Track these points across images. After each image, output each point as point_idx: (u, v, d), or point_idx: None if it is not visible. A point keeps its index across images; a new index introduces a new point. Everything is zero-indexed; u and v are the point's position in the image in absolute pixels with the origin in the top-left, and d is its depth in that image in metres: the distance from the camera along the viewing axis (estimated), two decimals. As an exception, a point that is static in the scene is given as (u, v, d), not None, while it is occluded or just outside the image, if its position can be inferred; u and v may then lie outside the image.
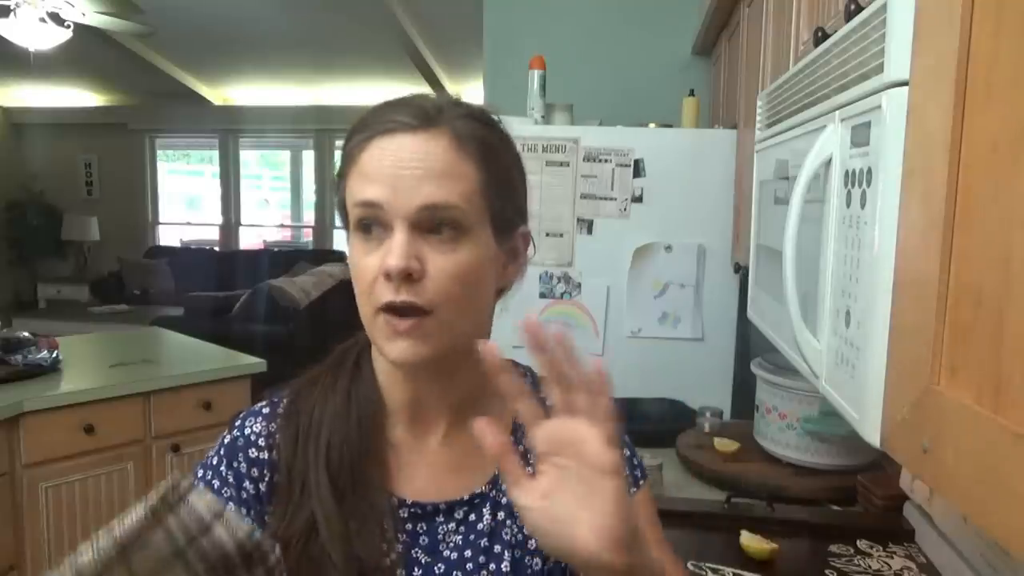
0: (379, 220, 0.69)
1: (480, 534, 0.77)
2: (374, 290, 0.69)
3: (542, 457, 0.60)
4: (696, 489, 1.67)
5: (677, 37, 2.88)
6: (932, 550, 1.29)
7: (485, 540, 0.77)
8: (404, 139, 0.69)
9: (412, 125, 0.70)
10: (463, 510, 0.78)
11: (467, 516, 0.78)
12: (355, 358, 0.81)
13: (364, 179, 0.70)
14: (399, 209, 0.68)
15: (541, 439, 0.60)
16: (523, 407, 0.63)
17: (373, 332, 0.72)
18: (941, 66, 0.53)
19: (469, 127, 0.72)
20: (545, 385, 0.84)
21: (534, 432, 0.62)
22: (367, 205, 0.69)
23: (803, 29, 1.25)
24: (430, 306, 0.69)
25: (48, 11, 4.03)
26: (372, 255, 0.70)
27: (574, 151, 2.23)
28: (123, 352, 2.88)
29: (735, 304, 2.24)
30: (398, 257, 0.67)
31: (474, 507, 0.78)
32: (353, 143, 0.73)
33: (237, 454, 0.78)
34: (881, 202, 0.64)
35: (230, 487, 0.77)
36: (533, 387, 0.83)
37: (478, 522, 0.77)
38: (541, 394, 0.82)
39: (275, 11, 5.59)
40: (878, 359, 0.64)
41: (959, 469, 0.48)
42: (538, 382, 0.84)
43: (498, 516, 0.78)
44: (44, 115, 8.03)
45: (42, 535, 2.27)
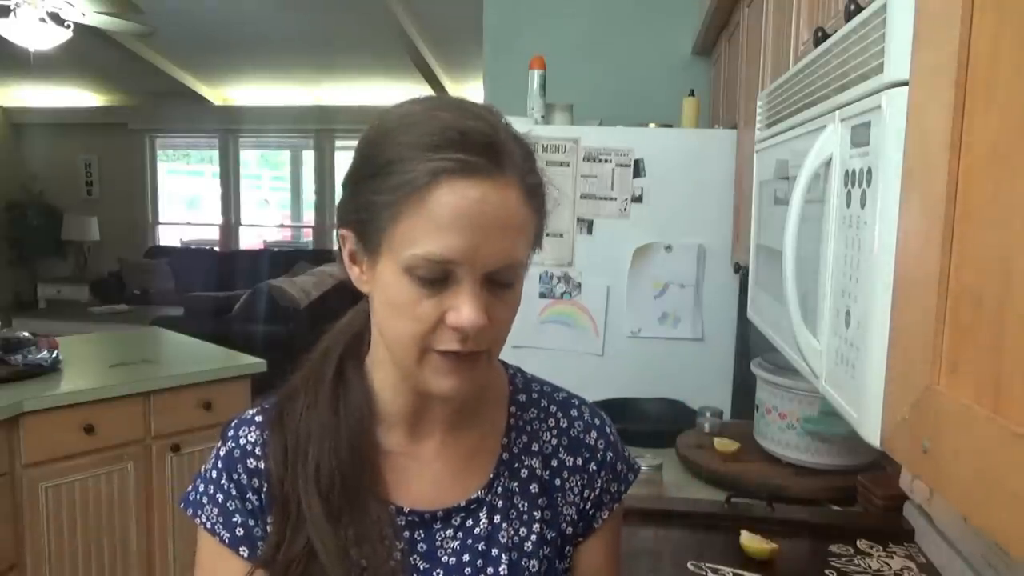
0: (447, 273, 0.65)
1: (477, 539, 0.77)
2: (432, 335, 0.67)
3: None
4: (696, 489, 1.67)
5: (677, 37, 2.88)
6: (932, 550, 1.29)
7: (483, 544, 0.77)
8: (481, 187, 0.64)
9: (486, 168, 0.65)
10: (460, 516, 0.77)
11: (464, 522, 0.77)
12: (336, 368, 0.78)
13: (438, 229, 0.64)
14: (477, 265, 0.65)
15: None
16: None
17: (418, 368, 0.69)
18: (941, 66, 0.53)
19: (531, 174, 0.70)
20: (534, 385, 0.84)
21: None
22: (441, 261, 0.64)
23: (803, 29, 1.25)
24: (488, 348, 0.70)
25: (48, 11, 4.03)
26: (430, 301, 0.66)
27: (574, 151, 2.23)
28: (123, 352, 2.88)
29: (735, 304, 2.24)
30: (477, 316, 0.65)
31: (471, 512, 0.77)
32: (411, 174, 0.64)
33: (236, 465, 0.76)
34: (881, 202, 0.64)
35: (234, 500, 0.75)
36: (521, 387, 0.84)
37: (475, 527, 0.77)
38: (523, 396, 0.82)
39: (275, 11, 5.59)
40: (878, 359, 0.64)
41: (959, 469, 0.48)
42: (528, 381, 0.85)
43: (495, 520, 0.77)
44: (44, 115, 8.03)
45: (42, 535, 2.26)
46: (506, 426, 0.81)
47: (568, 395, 0.86)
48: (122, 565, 2.46)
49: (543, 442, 0.81)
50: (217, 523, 0.75)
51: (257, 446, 0.76)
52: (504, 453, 0.80)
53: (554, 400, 0.84)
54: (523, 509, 0.78)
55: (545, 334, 2.28)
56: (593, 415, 0.84)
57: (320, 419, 0.75)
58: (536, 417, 0.82)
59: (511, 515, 0.78)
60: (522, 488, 0.79)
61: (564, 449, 0.81)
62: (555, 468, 0.81)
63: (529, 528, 0.78)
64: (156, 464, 2.50)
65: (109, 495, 2.40)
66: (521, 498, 0.79)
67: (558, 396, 0.85)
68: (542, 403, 0.84)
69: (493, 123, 0.69)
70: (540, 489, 0.79)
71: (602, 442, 0.83)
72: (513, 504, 0.78)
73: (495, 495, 0.78)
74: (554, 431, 0.82)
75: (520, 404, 0.83)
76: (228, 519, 0.75)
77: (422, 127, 0.67)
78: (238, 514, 0.75)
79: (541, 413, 0.83)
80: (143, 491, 2.48)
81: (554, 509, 0.80)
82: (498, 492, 0.78)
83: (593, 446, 0.82)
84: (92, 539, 2.38)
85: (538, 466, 0.80)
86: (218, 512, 0.76)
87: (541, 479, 0.80)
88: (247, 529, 0.75)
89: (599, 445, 0.82)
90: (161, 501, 2.53)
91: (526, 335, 2.27)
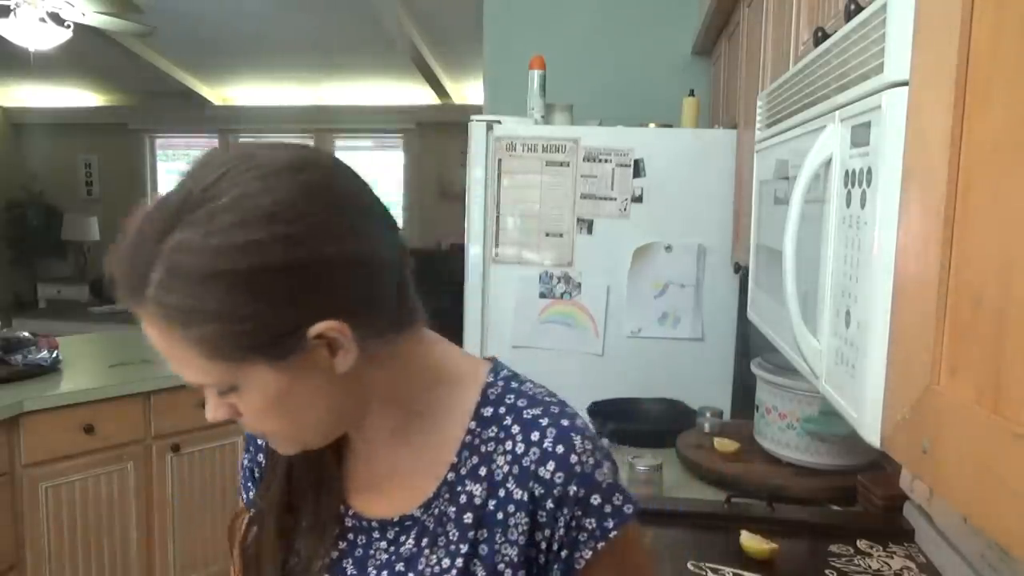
0: None
1: (400, 558, 0.73)
2: None
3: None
4: (696, 489, 1.67)
5: (677, 37, 2.88)
6: (932, 550, 1.29)
7: (402, 565, 0.72)
8: (140, 317, 0.63)
9: (129, 302, 0.63)
10: (394, 531, 0.74)
11: (397, 537, 0.74)
12: None
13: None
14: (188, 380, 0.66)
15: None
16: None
17: None
18: (941, 66, 0.53)
19: (175, 289, 0.59)
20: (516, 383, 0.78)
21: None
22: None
23: (803, 29, 1.25)
24: (279, 431, 0.70)
25: (48, 11, 4.02)
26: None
27: (574, 151, 2.23)
28: (123, 352, 2.88)
29: (735, 304, 2.24)
30: (207, 412, 0.69)
31: (404, 529, 0.74)
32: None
33: (250, 440, 0.84)
34: (881, 202, 0.64)
35: (248, 469, 0.84)
36: (493, 399, 0.75)
37: (403, 546, 0.74)
38: (489, 410, 0.75)
39: (275, 11, 5.59)
40: (878, 359, 0.64)
41: (959, 469, 0.48)
42: (503, 393, 0.76)
43: (421, 543, 0.73)
44: (44, 115, 8.03)
45: (42, 535, 2.27)
46: (460, 444, 0.73)
47: (541, 413, 0.72)
48: (122, 565, 2.46)
49: (494, 467, 0.71)
50: (242, 486, 0.86)
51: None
52: (450, 473, 0.73)
53: (520, 419, 0.72)
54: (452, 538, 0.71)
55: (545, 334, 2.28)
56: (558, 441, 0.70)
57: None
58: (494, 437, 0.72)
59: (439, 542, 0.72)
60: (457, 516, 0.72)
61: (513, 479, 0.70)
62: (501, 499, 0.70)
63: (452, 560, 0.70)
64: (156, 464, 2.50)
65: (109, 495, 2.40)
66: (454, 526, 0.71)
67: (527, 414, 0.72)
68: (505, 421, 0.72)
69: (152, 232, 0.60)
70: (476, 521, 0.71)
71: (561, 475, 0.69)
72: (444, 531, 0.72)
73: (430, 516, 0.73)
74: (508, 456, 0.71)
75: (482, 419, 0.73)
76: (245, 483, 0.85)
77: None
78: (251, 481, 0.84)
79: (501, 433, 0.72)
80: (143, 491, 2.48)
81: (491, 544, 0.70)
82: (433, 514, 0.73)
83: (548, 480, 0.69)
84: (92, 539, 2.38)
85: (479, 494, 0.71)
86: (242, 478, 0.86)
87: (480, 508, 0.71)
88: (254, 495, 0.83)
89: (556, 479, 0.69)
90: (161, 501, 2.53)
91: (526, 335, 2.27)
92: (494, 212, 2.28)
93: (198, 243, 0.59)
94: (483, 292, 2.30)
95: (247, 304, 0.60)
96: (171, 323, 0.60)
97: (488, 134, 2.23)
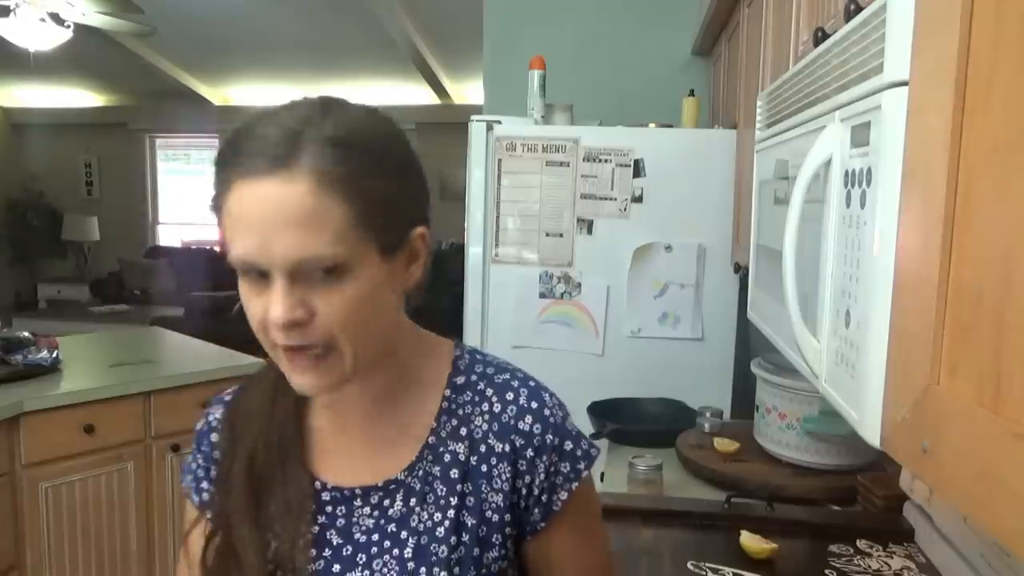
0: (257, 270, 0.68)
1: (390, 520, 0.78)
2: (266, 332, 0.70)
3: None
4: (696, 489, 1.67)
5: (677, 37, 2.88)
6: (932, 550, 1.29)
7: (393, 526, 0.78)
8: (263, 186, 0.66)
9: (270, 167, 0.66)
10: (378, 495, 0.79)
11: (382, 501, 0.79)
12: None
13: (234, 229, 0.68)
14: (272, 263, 0.67)
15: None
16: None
17: (278, 363, 0.73)
18: (941, 66, 0.53)
19: (332, 158, 0.67)
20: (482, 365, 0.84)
21: None
22: (244, 262, 0.68)
23: (803, 29, 1.25)
24: (328, 342, 0.69)
25: (48, 11, 4.03)
26: (258, 297, 0.70)
27: (574, 151, 2.23)
28: (123, 352, 2.88)
29: (735, 304, 2.24)
30: (280, 310, 0.67)
31: (388, 493, 0.79)
32: (218, 180, 0.70)
33: (203, 439, 0.86)
34: (881, 202, 0.64)
35: (202, 467, 0.85)
36: (463, 369, 0.84)
37: (390, 508, 0.79)
38: (462, 379, 0.83)
39: (275, 11, 5.59)
40: (878, 359, 0.64)
41: (959, 469, 0.48)
42: (472, 364, 0.84)
43: (410, 503, 0.78)
44: (44, 115, 8.03)
45: (42, 535, 2.26)
46: (438, 410, 0.81)
47: (510, 377, 0.82)
48: (122, 565, 2.46)
49: (473, 427, 0.80)
50: (191, 488, 0.86)
51: (220, 422, 0.85)
52: (431, 437, 0.80)
53: (492, 383, 0.82)
54: (441, 494, 0.78)
55: (545, 334, 2.28)
56: (531, 398, 0.80)
57: (259, 403, 0.82)
58: (470, 401, 0.81)
59: (428, 499, 0.78)
60: (443, 473, 0.79)
61: (494, 435, 0.79)
62: (483, 454, 0.79)
63: (444, 513, 0.78)
64: (156, 464, 2.50)
65: (109, 495, 2.40)
66: (441, 482, 0.78)
67: (498, 379, 0.82)
68: (479, 386, 0.82)
69: (300, 117, 0.68)
70: (461, 475, 0.78)
71: (538, 426, 0.79)
72: (432, 488, 0.78)
73: (414, 478, 0.79)
74: (486, 415, 0.80)
75: (456, 387, 0.82)
76: (198, 484, 0.85)
77: (231, 134, 0.71)
78: (205, 480, 0.84)
79: (476, 397, 0.81)
80: (143, 491, 2.48)
81: (477, 495, 0.78)
82: (418, 475, 0.79)
83: (528, 432, 0.79)
84: (92, 539, 2.38)
85: (462, 451, 0.79)
86: (191, 478, 0.86)
87: (465, 464, 0.79)
88: (211, 494, 0.83)
89: (535, 430, 0.79)
90: (161, 501, 2.53)
91: (526, 335, 2.27)
92: (494, 212, 2.28)
93: (356, 125, 0.70)
94: (483, 292, 2.30)
95: (391, 185, 0.70)
96: (324, 187, 0.66)
97: (488, 134, 2.23)
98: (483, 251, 2.29)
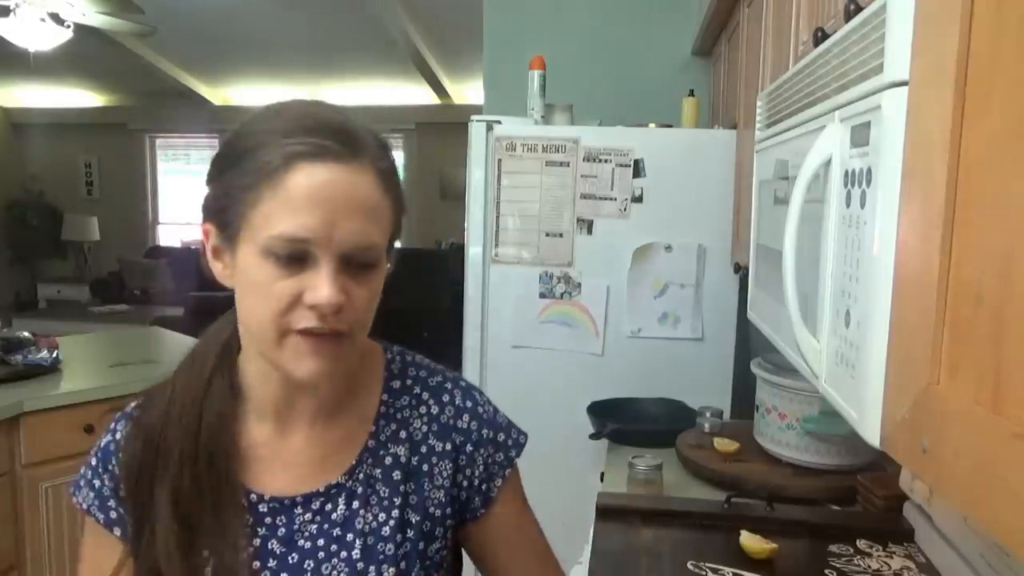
0: (303, 253, 0.68)
1: (334, 524, 0.79)
2: (288, 314, 0.69)
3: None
4: (696, 489, 1.67)
5: (677, 37, 2.88)
6: (932, 550, 1.29)
7: (338, 529, 0.79)
8: (335, 170, 0.68)
9: (340, 153, 0.68)
10: (320, 500, 0.80)
11: (323, 506, 0.80)
12: (215, 362, 0.80)
13: (292, 210, 0.67)
14: (331, 245, 0.67)
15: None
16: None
17: (277, 351, 0.71)
18: (941, 66, 0.53)
19: (385, 160, 0.73)
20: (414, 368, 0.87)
21: None
22: (297, 240, 0.67)
23: (803, 29, 1.25)
24: (348, 330, 0.71)
25: (48, 11, 4.02)
26: (288, 280, 0.68)
27: (574, 151, 2.23)
28: (123, 352, 2.87)
29: (735, 304, 2.24)
30: (332, 294, 0.68)
31: (330, 497, 0.80)
32: (266, 158, 0.68)
33: (111, 458, 0.82)
34: (881, 202, 0.64)
35: (108, 487, 0.82)
36: (397, 373, 0.86)
37: (332, 512, 0.79)
38: (397, 383, 0.85)
39: (275, 11, 5.59)
40: (878, 359, 0.64)
41: (959, 469, 0.48)
42: (404, 367, 0.87)
43: (352, 505, 0.79)
44: (44, 115, 8.03)
45: (42, 535, 2.26)
46: (376, 414, 0.83)
47: (443, 379, 0.87)
48: (122, 565, 2.46)
49: (412, 429, 0.83)
50: (93, 505, 0.83)
51: (127, 440, 0.81)
52: (370, 440, 0.82)
53: (427, 386, 0.86)
54: (384, 495, 0.80)
55: (545, 334, 2.28)
56: (465, 398, 0.86)
57: (181, 415, 0.78)
58: (407, 404, 0.84)
59: (371, 501, 0.80)
60: (384, 475, 0.81)
61: (434, 435, 0.83)
62: (423, 454, 0.83)
63: (388, 513, 0.80)
64: (156, 464, 2.50)
65: (109, 495, 2.40)
66: (383, 484, 0.81)
67: (432, 381, 0.87)
68: (415, 390, 0.85)
69: (347, 114, 0.74)
70: (403, 476, 0.81)
71: (475, 423, 0.85)
72: (374, 490, 0.80)
73: (355, 481, 0.80)
74: (424, 418, 0.84)
75: (392, 391, 0.85)
76: (104, 503, 0.82)
77: (280, 116, 0.72)
78: (112, 499, 0.81)
79: (413, 400, 0.85)
80: (143, 491, 2.47)
81: (420, 493, 0.82)
82: (359, 478, 0.80)
83: (466, 429, 0.84)
84: (92, 539, 2.38)
85: (403, 453, 0.82)
86: (94, 496, 0.83)
87: (407, 465, 0.82)
88: (119, 513, 0.81)
89: (471, 427, 0.85)
90: (161, 501, 2.52)
91: (526, 335, 2.27)
92: (494, 212, 2.28)
93: (384, 137, 0.75)
94: (483, 292, 2.30)
95: (402, 194, 0.77)
96: (383, 182, 0.71)
97: (488, 134, 2.23)
98: (483, 251, 2.29)
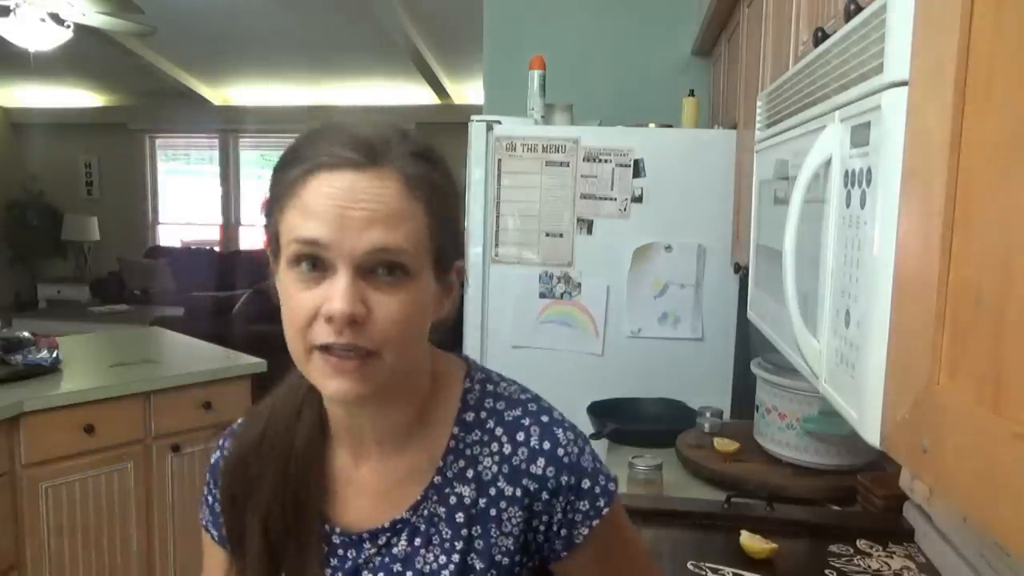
0: (320, 259, 0.67)
1: (395, 559, 0.78)
2: (310, 329, 0.68)
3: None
4: (696, 489, 1.67)
5: (677, 37, 2.88)
6: (932, 550, 1.29)
7: (399, 565, 0.77)
8: (351, 177, 0.67)
9: (359, 162, 0.67)
10: (386, 536, 0.78)
11: (389, 541, 0.78)
12: (308, 387, 0.79)
13: (307, 215, 0.67)
14: (345, 251, 0.66)
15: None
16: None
17: (307, 369, 0.71)
18: (941, 66, 0.53)
19: (417, 167, 0.70)
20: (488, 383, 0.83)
21: None
22: (309, 243, 0.67)
23: (803, 29, 1.25)
24: (374, 347, 0.68)
25: (48, 11, 4.02)
26: (309, 292, 0.68)
27: (574, 151, 2.23)
28: (123, 352, 2.87)
29: (735, 304, 2.24)
30: (344, 302, 0.65)
31: (396, 532, 0.78)
32: (294, 173, 0.69)
33: (217, 475, 0.83)
34: (881, 202, 0.64)
35: (217, 504, 0.83)
36: (472, 404, 0.80)
37: (395, 547, 0.78)
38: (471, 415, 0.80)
39: (275, 11, 5.59)
40: (878, 359, 0.64)
41: (959, 469, 0.48)
42: (482, 398, 0.81)
43: (415, 543, 0.77)
44: (44, 115, 8.03)
45: (42, 535, 2.26)
46: (445, 449, 0.78)
47: (522, 414, 0.79)
48: (122, 565, 2.46)
49: (482, 468, 0.77)
50: (208, 522, 0.85)
51: (228, 461, 0.82)
52: (436, 476, 0.78)
53: (503, 421, 0.78)
54: (446, 536, 0.77)
55: (545, 334, 2.28)
56: (543, 438, 0.77)
57: (275, 443, 0.79)
58: (478, 441, 0.78)
59: (432, 540, 0.77)
60: (448, 515, 0.77)
61: (504, 478, 0.76)
62: (492, 497, 0.76)
63: (448, 556, 0.76)
64: (156, 464, 2.50)
65: (109, 495, 2.40)
66: (446, 525, 0.77)
67: (508, 416, 0.78)
68: (488, 424, 0.78)
69: (387, 127, 0.72)
70: (467, 518, 0.76)
71: (552, 469, 0.76)
72: (437, 530, 0.77)
73: (419, 518, 0.78)
74: (496, 457, 0.77)
75: (465, 425, 0.79)
76: (216, 520, 0.83)
77: (316, 133, 0.72)
78: (221, 516, 0.82)
79: (485, 436, 0.78)
80: (143, 491, 2.48)
81: (486, 539, 0.76)
82: (423, 515, 0.77)
83: (540, 475, 0.76)
84: (92, 539, 2.38)
85: (469, 494, 0.77)
86: (208, 512, 0.85)
87: (472, 508, 0.76)
88: (224, 537, 0.82)
89: (548, 473, 0.76)
90: (161, 501, 2.52)
91: (526, 335, 2.27)
92: (494, 212, 2.28)
93: (430, 147, 0.73)
94: (483, 292, 2.30)
95: (454, 209, 0.77)
96: (409, 189, 0.69)
97: (488, 134, 2.23)
98: (483, 251, 2.29)
